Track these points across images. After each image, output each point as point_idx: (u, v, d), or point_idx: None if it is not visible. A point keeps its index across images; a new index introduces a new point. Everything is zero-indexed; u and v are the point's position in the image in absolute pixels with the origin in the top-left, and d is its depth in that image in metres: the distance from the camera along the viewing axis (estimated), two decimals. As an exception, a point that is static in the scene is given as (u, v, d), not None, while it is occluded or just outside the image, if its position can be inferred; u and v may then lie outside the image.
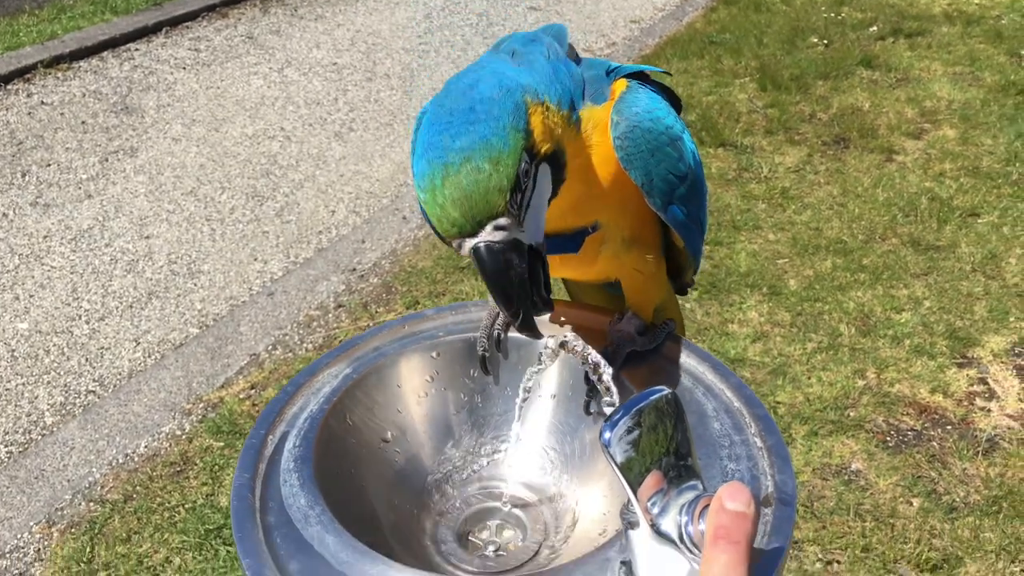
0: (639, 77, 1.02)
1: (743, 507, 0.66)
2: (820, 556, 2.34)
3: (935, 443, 2.67)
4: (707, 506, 0.70)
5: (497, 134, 0.81)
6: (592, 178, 0.96)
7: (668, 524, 0.72)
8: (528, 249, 0.85)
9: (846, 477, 2.56)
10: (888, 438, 2.70)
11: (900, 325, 3.15)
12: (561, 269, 1.13)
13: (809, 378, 2.93)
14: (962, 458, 2.61)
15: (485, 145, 0.80)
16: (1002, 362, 2.98)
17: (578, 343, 0.94)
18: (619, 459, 0.71)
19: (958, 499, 2.48)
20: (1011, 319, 3.16)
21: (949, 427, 2.73)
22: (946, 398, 2.84)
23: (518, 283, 0.85)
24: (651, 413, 0.72)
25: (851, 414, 2.78)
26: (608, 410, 0.94)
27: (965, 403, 2.82)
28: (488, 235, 0.82)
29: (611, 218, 1.02)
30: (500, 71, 0.87)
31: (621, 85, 0.98)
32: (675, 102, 1.08)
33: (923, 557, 2.31)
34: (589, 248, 1.04)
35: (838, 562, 2.33)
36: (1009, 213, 3.80)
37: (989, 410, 2.79)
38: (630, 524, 0.75)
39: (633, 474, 0.72)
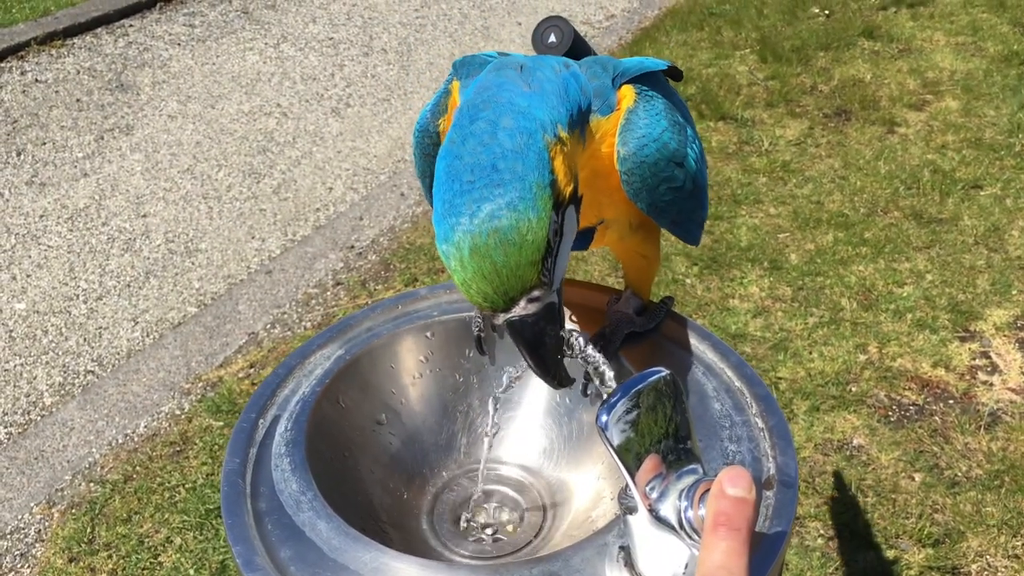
0: (644, 77, 0.98)
1: (744, 492, 0.65)
2: (822, 532, 2.33)
3: (937, 418, 2.66)
4: (707, 491, 0.69)
5: (524, 198, 0.75)
6: (600, 185, 0.93)
7: (667, 509, 0.70)
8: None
9: (848, 452, 2.55)
10: (890, 413, 2.68)
11: (902, 299, 3.13)
12: None
13: (810, 353, 2.91)
14: (964, 432, 2.60)
15: (513, 212, 0.75)
16: (1004, 335, 2.96)
17: (573, 339, 0.92)
18: (616, 443, 0.69)
19: (960, 474, 2.47)
20: (1014, 292, 3.14)
21: (951, 401, 2.72)
22: (948, 372, 2.83)
23: (554, 348, 0.83)
24: (649, 395, 0.71)
25: (853, 389, 2.77)
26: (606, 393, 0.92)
27: (967, 377, 2.81)
28: (522, 309, 0.79)
29: (617, 214, 1.00)
30: (516, 105, 0.81)
31: (628, 94, 0.94)
32: (676, 75, 1.05)
33: (925, 532, 2.30)
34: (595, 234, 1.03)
35: (840, 537, 2.32)
36: (1012, 185, 3.77)
37: (991, 384, 2.78)
38: (628, 509, 0.73)
39: (631, 458, 0.70)
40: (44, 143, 4.64)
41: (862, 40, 5.35)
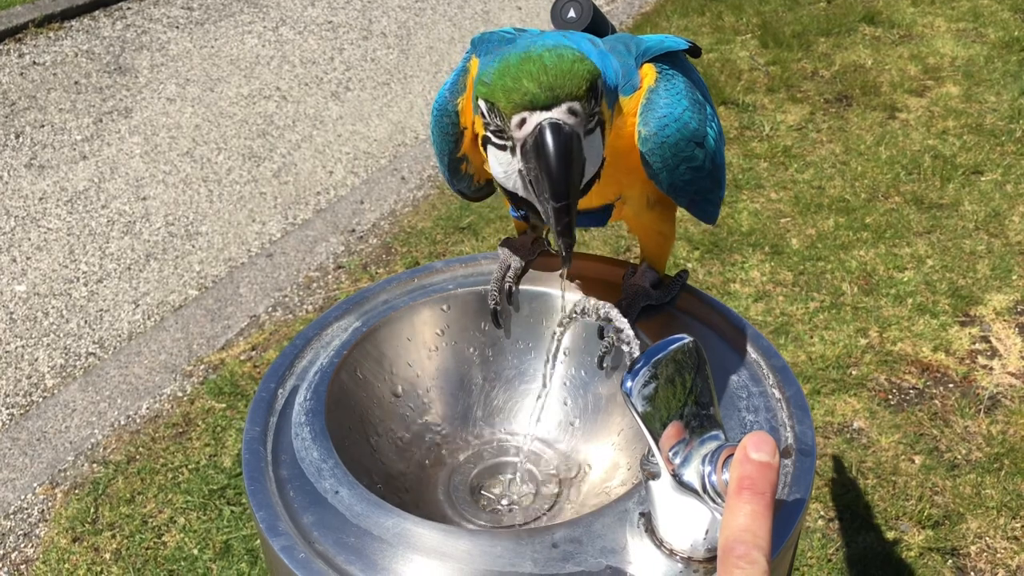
0: (665, 56, 0.99)
1: (768, 457, 0.65)
2: (822, 513, 2.35)
3: (937, 401, 2.67)
4: (730, 456, 0.69)
5: (588, 53, 0.83)
6: (620, 163, 0.94)
7: (690, 474, 0.71)
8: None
9: (848, 435, 2.57)
10: (890, 396, 2.70)
11: (903, 284, 3.14)
12: None
13: (811, 337, 2.92)
14: (964, 416, 2.61)
15: (573, 47, 0.81)
16: (1004, 320, 2.98)
17: (595, 305, 0.93)
18: (640, 408, 0.70)
19: (960, 456, 2.49)
20: (1014, 277, 3.15)
21: (951, 385, 2.73)
22: (948, 356, 2.84)
23: (577, 176, 0.81)
24: (672, 362, 0.71)
25: (853, 373, 2.78)
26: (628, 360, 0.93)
27: (967, 361, 2.82)
28: (562, 114, 0.78)
29: (635, 191, 1.01)
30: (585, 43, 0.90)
31: (649, 73, 0.95)
32: (695, 53, 1.06)
33: (925, 514, 2.32)
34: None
35: (840, 519, 2.34)
36: (1012, 171, 3.77)
37: (991, 368, 2.79)
38: (651, 474, 0.74)
39: (654, 424, 0.70)
40: (43, 125, 4.62)
41: (863, 26, 5.34)
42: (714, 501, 0.70)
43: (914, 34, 5.21)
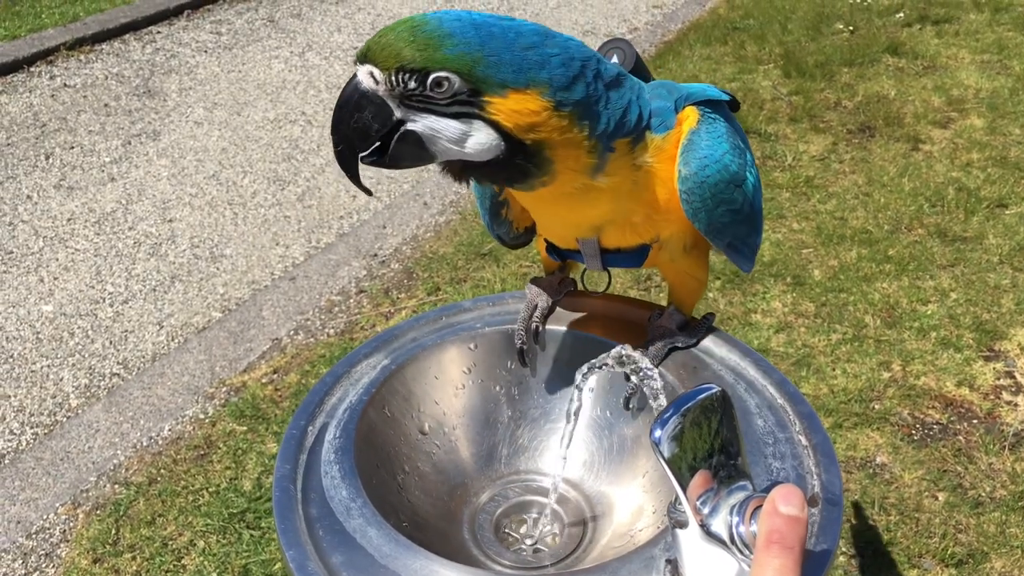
0: (707, 102, 1.00)
1: (797, 511, 0.65)
2: (844, 550, 2.33)
3: (961, 437, 2.65)
4: (758, 507, 0.69)
5: (465, 39, 0.81)
6: (656, 203, 0.95)
7: (719, 525, 0.71)
8: (402, 129, 0.87)
9: (871, 470, 2.55)
10: (913, 431, 2.67)
11: (926, 317, 3.12)
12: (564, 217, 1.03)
13: (833, 370, 2.90)
14: (988, 452, 2.58)
15: (463, 25, 0.82)
16: (1030, 356, 2.95)
17: (622, 355, 0.93)
18: (669, 458, 0.70)
19: (984, 494, 2.46)
20: (1039, 312, 3.13)
21: (975, 421, 2.71)
22: (972, 391, 2.81)
23: (350, 130, 0.86)
24: (700, 412, 0.72)
25: (876, 407, 2.76)
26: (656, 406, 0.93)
27: (991, 397, 2.80)
28: (364, 75, 0.85)
29: (672, 233, 1.02)
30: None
31: (691, 115, 0.96)
32: (734, 106, 1.07)
33: (948, 552, 2.29)
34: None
35: (862, 556, 2.31)
36: (1037, 204, 3.75)
37: (1016, 404, 2.77)
38: (678, 523, 0.74)
39: (682, 473, 0.71)
40: (72, 147, 4.70)
41: (886, 56, 5.34)
42: (742, 552, 0.70)
43: (938, 65, 5.20)
